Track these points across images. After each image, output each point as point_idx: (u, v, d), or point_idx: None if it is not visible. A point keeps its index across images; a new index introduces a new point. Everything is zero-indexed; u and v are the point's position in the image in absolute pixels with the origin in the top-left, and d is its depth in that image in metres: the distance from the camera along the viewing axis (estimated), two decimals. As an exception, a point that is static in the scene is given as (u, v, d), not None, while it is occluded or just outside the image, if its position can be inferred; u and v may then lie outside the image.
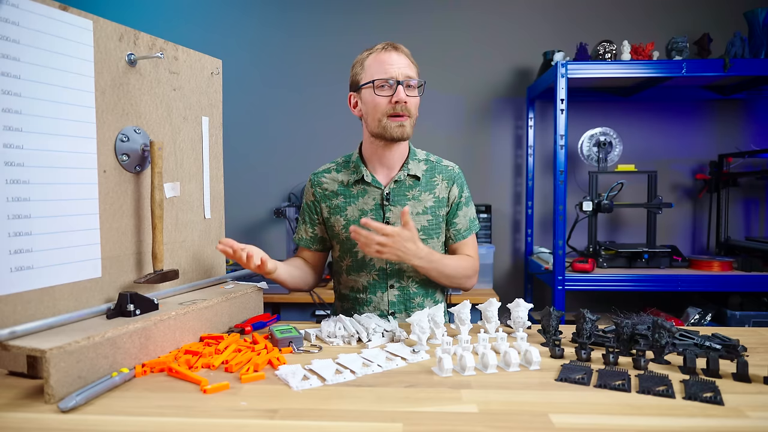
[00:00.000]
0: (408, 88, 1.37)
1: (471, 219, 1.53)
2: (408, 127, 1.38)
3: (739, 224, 2.91)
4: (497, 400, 0.86)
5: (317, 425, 0.77)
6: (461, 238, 1.51)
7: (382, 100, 1.36)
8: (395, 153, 1.45)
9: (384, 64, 1.36)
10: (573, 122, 2.83)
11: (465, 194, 1.52)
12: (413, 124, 1.41)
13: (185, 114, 1.29)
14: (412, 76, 1.38)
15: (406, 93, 1.36)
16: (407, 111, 1.36)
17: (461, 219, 1.50)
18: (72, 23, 1.01)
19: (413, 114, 1.39)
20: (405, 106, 1.35)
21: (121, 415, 0.81)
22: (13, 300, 0.91)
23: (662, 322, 1.04)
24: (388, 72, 1.35)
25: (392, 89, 1.35)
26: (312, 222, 1.54)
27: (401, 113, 1.36)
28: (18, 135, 0.91)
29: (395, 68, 1.35)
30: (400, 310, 1.47)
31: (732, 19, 2.75)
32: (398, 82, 1.35)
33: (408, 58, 1.40)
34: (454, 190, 1.49)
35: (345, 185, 1.48)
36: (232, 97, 2.69)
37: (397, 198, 1.45)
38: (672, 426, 0.77)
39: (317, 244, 1.55)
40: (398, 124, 1.36)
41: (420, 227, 1.45)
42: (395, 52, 1.38)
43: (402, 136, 1.38)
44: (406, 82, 1.36)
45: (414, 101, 1.38)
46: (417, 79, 1.39)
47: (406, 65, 1.37)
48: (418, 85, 1.39)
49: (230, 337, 1.15)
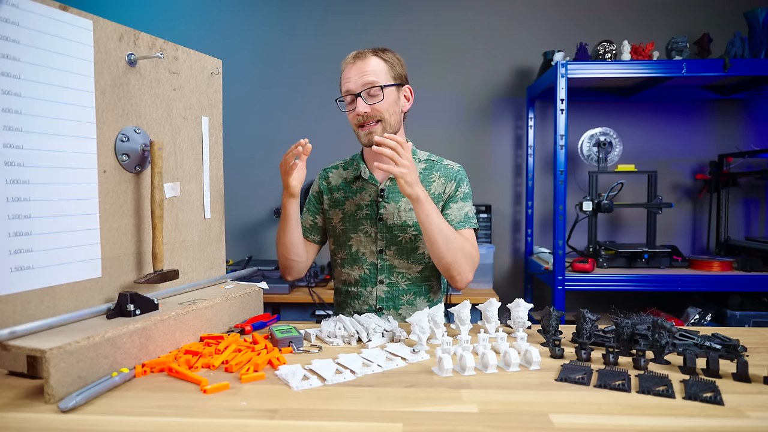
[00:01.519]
0: (369, 96, 1.40)
1: (466, 213, 1.47)
2: (378, 133, 1.41)
3: (739, 224, 2.91)
4: (497, 400, 0.86)
5: (317, 425, 0.77)
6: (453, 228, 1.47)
7: (349, 114, 1.44)
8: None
9: (344, 79, 1.44)
10: (573, 122, 2.83)
11: (463, 190, 1.49)
12: (390, 124, 1.42)
13: (185, 114, 1.29)
14: (373, 81, 1.39)
15: (368, 101, 1.39)
16: (373, 118, 1.41)
17: (454, 211, 1.46)
18: (72, 23, 1.01)
19: (385, 117, 1.41)
20: (367, 115, 1.40)
21: (121, 415, 0.81)
22: (13, 300, 0.91)
23: (662, 322, 1.04)
24: (346, 87, 1.42)
25: (354, 102, 1.41)
26: (315, 211, 1.61)
27: (366, 122, 1.42)
28: (18, 135, 0.91)
29: (351, 82, 1.41)
30: (389, 307, 1.49)
31: (732, 19, 2.75)
32: (356, 95, 1.39)
33: (377, 58, 1.41)
34: (450, 185, 1.49)
35: (347, 182, 1.56)
36: (232, 97, 2.69)
37: (391, 195, 1.49)
38: (672, 426, 0.77)
39: (315, 234, 1.61)
40: (366, 133, 1.43)
41: (412, 223, 1.47)
42: (354, 64, 1.42)
43: (370, 142, 1.41)
44: (366, 91, 1.39)
45: (380, 106, 1.40)
46: (378, 84, 1.38)
47: (369, 71, 1.39)
48: (382, 88, 1.39)
49: (230, 337, 1.14)
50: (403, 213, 1.48)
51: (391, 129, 1.43)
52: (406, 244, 1.48)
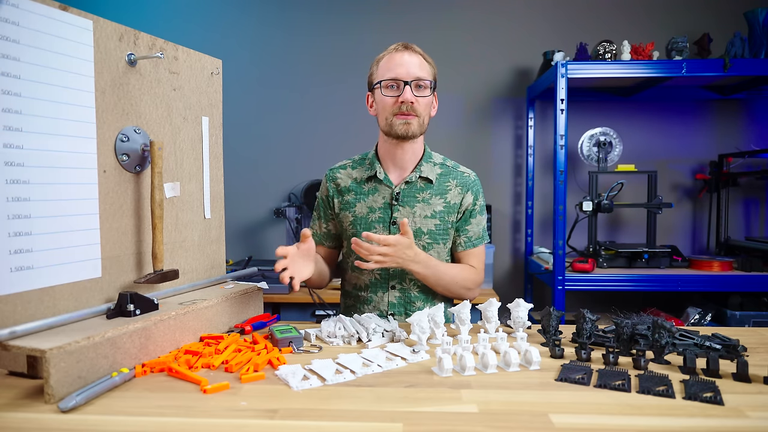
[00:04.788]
0: (418, 88, 1.38)
1: (483, 228, 1.51)
2: (414, 126, 1.38)
3: (739, 224, 2.91)
4: (497, 400, 0.86)
5: (317, 425, 0.77)
6: (471, 246, 1.49)
7: (389, 99, 1.38)
8: (408, 153, 1.45)
9: (393, 65, 1.38)
10: (573, 122, 2.83)
11: (480, 202, 1.50)
12: (423, 124, 1.41)
13: (185, 114, 1.29)
14: (423, 76, 1.38)
15: (414, 93, 1.37)
16: (414, 111, 1.37)
17: (474, 227, 1.49)
18: (72, 23, 1.01)
19: (422, 113, 1.39)
20: (411, 106, 1.36)
21: (121, 415, 0.81)
22: (13, 300, 0.91)
23: (662, 322, 1.04)
24: (396, 72, 1.37)
25: (400, 89, 1.37)
26: (326, 217, 1.55)
27: (407, 112, 1.37)
28: (18, 135, 0.91)
29: (403, 69, 1.37)
30: (400, 312, 1.46)
31: (732, 19, 2.75)
32: (405, 83, 1.36)
33: (422, 57, 1.40)
34: (468, 197, 1.47)
35: (358, 182, 1.49)
36: (232, 97, 2.69)
37: (406, 199, 1.45)
38: (672, 426, 0.77)
39: (330, 240, 1.56)
40: (403, 122, 1.38)
41: (426, 231, 1.44)
42: (405, 53, 1.39)
43: (407, 133, 1.38)
44: (415, 82, 1.37)
45: (423, 101, 1.39)
46: (428, 79, 1.39)
47: (417, 65, 1.38)
48: (430, 86, 1.39)
49: (230, 337, 1.15)
50: (417, 219, 1.44)
51: (422, 129, 1.41)
52: None
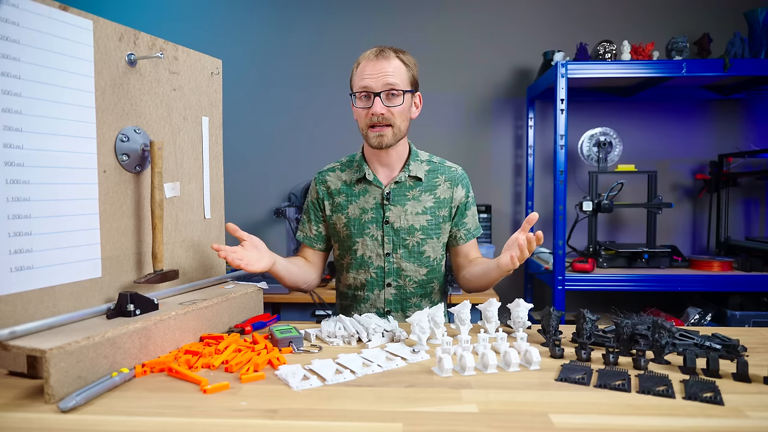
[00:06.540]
0: (390, 97, 1.35)
1: (477, 219, 1.56)
2: (388, 136, 1.37)
3: (739, 224, 2.91)
4: (497, 400, 0.86)
5: (317, 425, 0.77)
6: (471, 237, 1.52)
7: (362, 111, 1.38)
8: (392, 155, 1.46)
9: (365, 74, 1.35)
10: (573, 122, 2.83)
11: (471, 194, 1.54)
12: (399, 131, 1.39)
13: (185, 114, 1.29)
14: (394, 83, 1.34)
15: (385, 103, 1.34)
16: (386, 120, 1.36)
17: (470, 219, 1.53)
18: (72, 23, 1.01)
19: (396, 122, 1.37)
20: (383, 117, 1.35)
21: (121, 415, 0.81)
22: (13, 300, 0.91)
23: (662, 322, 1.04)
24: (366, 83, 1.35)
25: (371, 100, 1.35)
26: (317, 219, 1.55)
27: (378, 124, 1.36)
28: (18, 135, 0.91)
29: (373, 79, 1.34)
30: (397, 309, 1.48)
31: (732, 19, 2.75)
32: (375, 94, 1.34)
33: (398, 60, 1.36)
34: (459, 191, 1.49)
35: (348, 184, 1.50)
36: (232, 97, 2.69)
37: (397, 198, 1.46)
38: (672, 426, 0.77)
39: (321, 242, 1.56)
40: (376, 135, 1.37)
41: (419, 227, 1.46)
42: (377, 61, 1.35)
43: (380, 145, 1.38)
44: (386, 92, 1.34)
45: (397, 110, 1.36)
46: (399, 87, 1.35)
47: (391, 72, 1.34)
48: (404, 93, 1.36)
49: (230, 337, 1.14)
50: (410, 217, 1.45)
51: (399, 135, 1.40)
52: (413, 248, 1.46)
